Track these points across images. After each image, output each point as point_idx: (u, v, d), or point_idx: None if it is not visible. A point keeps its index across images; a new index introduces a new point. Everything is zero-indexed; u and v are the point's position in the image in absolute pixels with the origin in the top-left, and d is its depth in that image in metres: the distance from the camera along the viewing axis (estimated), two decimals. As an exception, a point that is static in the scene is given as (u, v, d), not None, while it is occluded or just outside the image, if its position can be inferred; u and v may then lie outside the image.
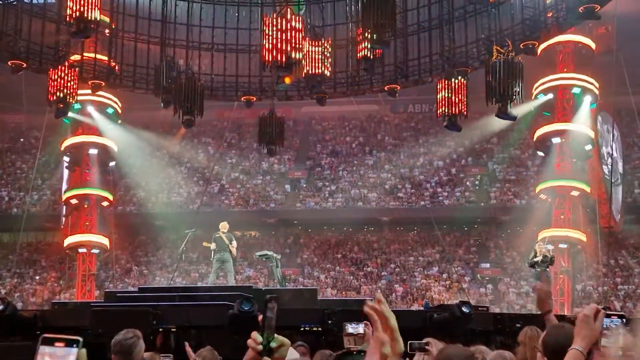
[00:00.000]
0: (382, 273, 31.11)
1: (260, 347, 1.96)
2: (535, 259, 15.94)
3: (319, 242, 33.75)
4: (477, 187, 33.55)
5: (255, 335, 2.00)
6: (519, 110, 19.70)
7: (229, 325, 9.59)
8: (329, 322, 10.01)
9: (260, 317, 2.02)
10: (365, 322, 4.64)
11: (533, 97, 27.58)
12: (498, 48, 17.49)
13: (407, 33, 19.72)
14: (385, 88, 20.03)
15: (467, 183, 33.67)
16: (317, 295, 14.48)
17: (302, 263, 32.16)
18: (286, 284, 23.86)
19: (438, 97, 18.38)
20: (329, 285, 30.06)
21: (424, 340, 5.00)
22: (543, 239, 17.35)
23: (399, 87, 19.93)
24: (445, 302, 27.77)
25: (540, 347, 3.26)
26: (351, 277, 30.87)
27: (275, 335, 1.94)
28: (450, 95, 17.99)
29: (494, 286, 30.00)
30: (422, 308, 22.64)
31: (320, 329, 10.22)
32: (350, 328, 4.56)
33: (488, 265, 31.03)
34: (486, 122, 28.36)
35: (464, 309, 10.71)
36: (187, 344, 4.59)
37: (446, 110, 18.02)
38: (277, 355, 1.93)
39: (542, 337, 3.31)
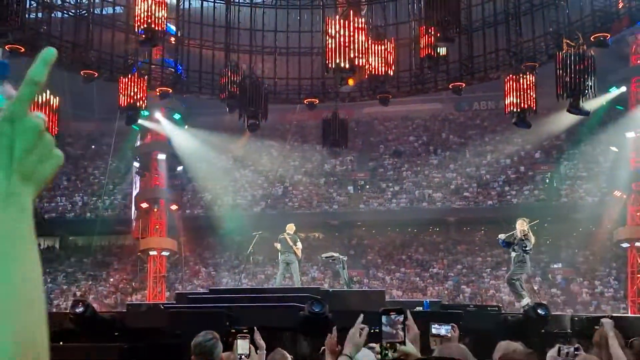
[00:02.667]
0: (449, 274, 30.65)
1: (378, 356, 1.98)
2: (511, 239, 12.82)
3: (383, 244, 33.54)
4: (547, 185, 32.63)
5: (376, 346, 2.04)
6: (591, 104, 19.04)
7: (300, 327, 9.63)
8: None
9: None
10: (452, 324, 4.54)
11: (605, 90, 26.65)
12: (568, 41, 16.98)
13: (472, 29, 19.38)
14: (450, 86, 19.74)
15: (537, 181, 32.80)
16: (384, 297, 14.39)
17: (367, 264, 32.03)
18: (352, 285, 23.82)
19: (506, 93, 17.98)
20: (394, 286, 29.83)
21: (575, 345, 4.66)
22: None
23: (464, 85, 19.60)
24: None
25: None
26: (417, 279, 30.55)
27: (399, 345, 1.94)
28: (518, 91, 17.56)
29: (566, 286, 29.13)
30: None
31: (377, 330, 10.12)
32: (434, 329, 4.46)
33: (560, 265, 30.14)
34: (555, 117, 27.56)
35: (540, 311, 10.42)
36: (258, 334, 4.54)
37: (514, 107, 17.61)
38: None
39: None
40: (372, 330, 10.21)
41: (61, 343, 9.36)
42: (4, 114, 0.81)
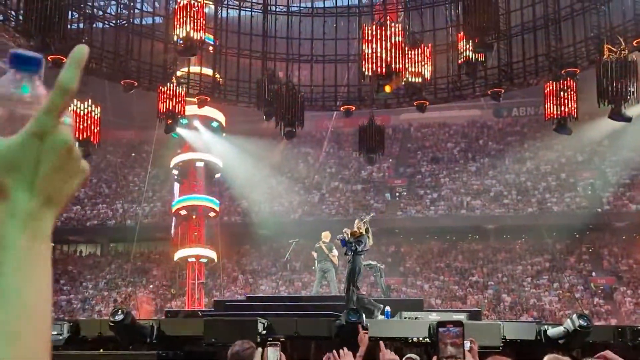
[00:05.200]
0: (489, 283, 30.21)
1: None
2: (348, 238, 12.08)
3: (421, 251, 33.26)
4: (589, 192, 31.94)
5: None
6: (634, 111, 18.57)
7: (337, 336, 9.57)
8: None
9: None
10: (470, 338, 4.41)
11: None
12: (609, 47, 16.61)
13: (510, 35, 19.11)
14: (489, 92, 19.49)
15: (578, 188, 32.14)
16: (423, 306, 14.24)
17: (405, 272, 31.78)
18: (389, 294, 23.61)
19: (546, 99, 17.67)
20: (433, 295, 29.52)
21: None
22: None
23: (503, 91, 19.33)
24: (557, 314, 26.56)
25: None
26: (456, 287, 30.18)
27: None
28: (558, 97, 17.25)
29: (608, 296, 28.43)
30: (532, 320, 21.73)
31: (429, 341, 9.98)
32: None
33: (602, 274, 29.45)
34: (596, 124, 26.99)
35: (581, 322, 10.15)
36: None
37: (555, 113, 17.30)
38: None
39: None
40: (410, 340, 9.95)
41: (101, 350, 9.50)
42: (34, 128, 0.72)
